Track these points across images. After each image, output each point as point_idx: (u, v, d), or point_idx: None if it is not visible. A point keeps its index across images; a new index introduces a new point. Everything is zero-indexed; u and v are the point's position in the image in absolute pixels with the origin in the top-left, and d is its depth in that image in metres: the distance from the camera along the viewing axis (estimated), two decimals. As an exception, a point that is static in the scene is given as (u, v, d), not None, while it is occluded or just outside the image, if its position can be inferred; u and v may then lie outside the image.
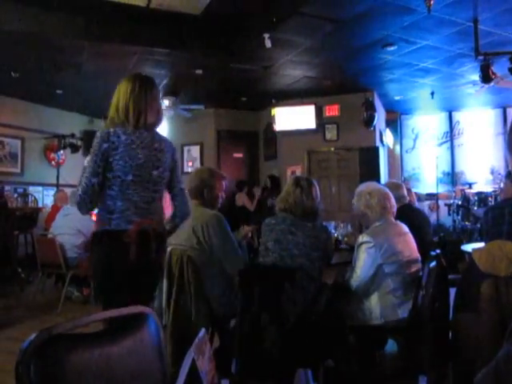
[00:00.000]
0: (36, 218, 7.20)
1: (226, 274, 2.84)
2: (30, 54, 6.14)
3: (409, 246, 2.85)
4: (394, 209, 2.98)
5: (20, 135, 8.51)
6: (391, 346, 2.87)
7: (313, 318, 2.44)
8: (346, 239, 3.89)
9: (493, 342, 2.72)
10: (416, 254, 2.86)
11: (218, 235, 2.80)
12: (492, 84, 5.97)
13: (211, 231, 2.79)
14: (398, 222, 3.01)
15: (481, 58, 5.59)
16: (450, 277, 3.07)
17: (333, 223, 4.16)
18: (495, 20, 5.26)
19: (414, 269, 2.80)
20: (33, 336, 0.95)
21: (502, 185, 5.79)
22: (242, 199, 8.82)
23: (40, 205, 8.30)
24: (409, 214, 3.55)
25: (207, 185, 2.96)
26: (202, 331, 0.94)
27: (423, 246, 3.07)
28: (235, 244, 2.90)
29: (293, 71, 7.22)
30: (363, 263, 2.73)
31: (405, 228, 2.95)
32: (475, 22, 5.27)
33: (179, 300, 2.65)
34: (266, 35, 5.50)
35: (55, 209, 6.46)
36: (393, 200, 2.98)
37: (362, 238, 2.78)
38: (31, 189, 8.54)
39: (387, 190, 3.06)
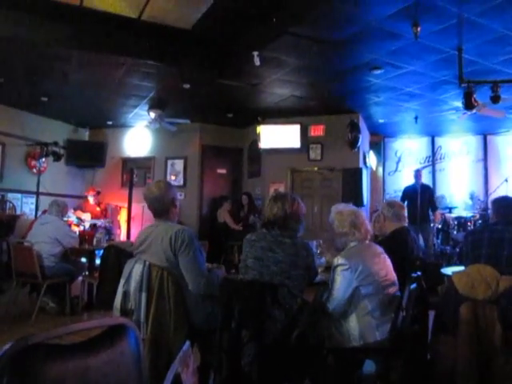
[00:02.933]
0: (13, 225, 7.05)
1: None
2: (16, 59, 6.07)
3: (385, 266, 2.83)
4: (368, 226, 2.97)
5: (1, 141, 8.37)
6: (369, 366, 2.86)
7: (293, 336, 2.42)
8: (322, 268, 3.51)
9: (469, 365, 2.74)
10: (392, 275, 2.84)
11: (185, 249, 2.68)
12: (474, 111, 6.10)
13: (178, 244, 2.67)
14: (373, 243, 3.02)
15: (464, 85, 5.71)
16: (429, 299, 3.10)
17: (315, 242, 4.15)
18: (478, 49, 5.41)
19: (391, 289, 2.78)
20: (8, 345, 0.92)
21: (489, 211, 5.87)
22: (223, 216, 8.78)
23: (18, 212, 8.15)
24: (408, 236, 3.55)
25: (174, 198, 2.90)
26: (187, 344, 0.92)
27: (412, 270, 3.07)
28: (201, 264, 2.75)
29: (280, 90, 7.27)
30: (339, 286, 2.71)
31: (379, 248, 2.95)
32: (459, 50, 5.40)
33: (158, 313, 2.60)
34: (255, 53, 5.54)
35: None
36: (366, 220, 2.99)
37: (338, 260, 2.76)
38: (10, 195, 8.35)
39: (359, 210, 3.08)
